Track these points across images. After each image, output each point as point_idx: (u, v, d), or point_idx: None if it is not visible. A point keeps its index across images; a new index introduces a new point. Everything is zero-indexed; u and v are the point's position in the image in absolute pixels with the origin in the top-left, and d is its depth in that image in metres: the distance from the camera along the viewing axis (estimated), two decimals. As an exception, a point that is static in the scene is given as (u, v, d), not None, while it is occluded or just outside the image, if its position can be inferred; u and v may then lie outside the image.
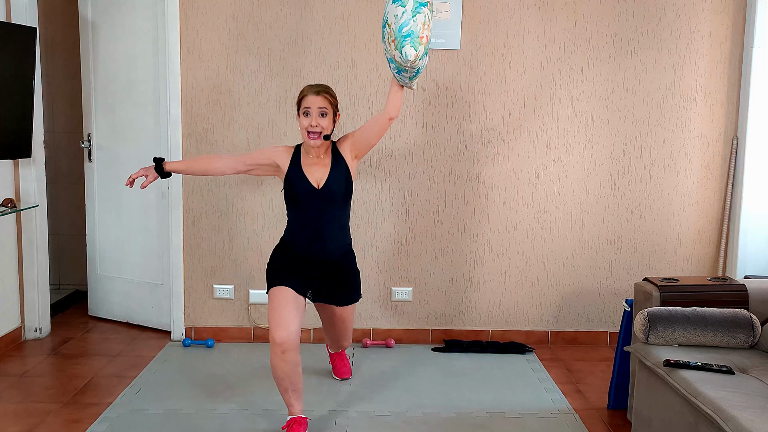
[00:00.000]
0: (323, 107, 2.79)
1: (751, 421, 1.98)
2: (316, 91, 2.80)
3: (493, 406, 3.13)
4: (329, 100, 2.81)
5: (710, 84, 3.87)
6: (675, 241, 3.96)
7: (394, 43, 2.60)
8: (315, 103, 2.78)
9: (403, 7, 2.58)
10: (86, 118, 4.25)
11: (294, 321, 2.69)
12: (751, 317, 2.63)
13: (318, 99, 2.79)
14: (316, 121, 2.77)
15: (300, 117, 2.82)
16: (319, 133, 2.78)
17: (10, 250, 3.81)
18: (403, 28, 2.57)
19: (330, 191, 2.82)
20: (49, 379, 3.39)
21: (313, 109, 2.78)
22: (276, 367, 2.70)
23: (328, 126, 2.80)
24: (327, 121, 2.80)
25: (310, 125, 2.77)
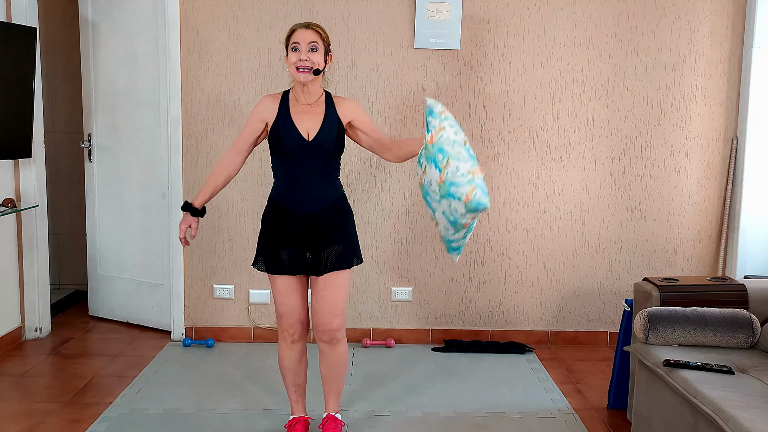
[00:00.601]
0: (314, 41, 2.53)
1: (751, 421, 1.98)
2: (306, 25, 2.56)
3: (493, 406, 3.13)
4: (321, 35, 2.56)
5: (710, 84, 3.87)
6: (675, 241, 3.96)
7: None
8: (305, 38, 2.52)
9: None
10: (86, 118, 4.25)
11: (300, 309, 2.66)
12: (751, 317, 2.63)
13: (308, 33, 2.54)
14: (306, 54, 2.51)
15: (288, 54, 2.55)
16: (310, 68, 2.52)
17: (10, 250, 3.81)
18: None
19: (321, 146, 2.57)
20: (49, 379, 3.39)
21: (302, 44, 2.52)
22: (283, 357, 2.70)
23: (318, 61, 2.53)
24: (318, 56, 2.53)
25: (299, 59, 2.51)
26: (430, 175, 2.40)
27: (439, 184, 2.36)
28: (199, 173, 3.87)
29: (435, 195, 2.40)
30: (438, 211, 2.43)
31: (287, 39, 2.58)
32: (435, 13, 3.76)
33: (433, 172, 2.38)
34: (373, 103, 3.82)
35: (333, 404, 2.81)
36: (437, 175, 2.37)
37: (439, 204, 2.40)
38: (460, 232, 2.44)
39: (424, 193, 2.47)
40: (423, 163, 2.46)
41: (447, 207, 2.37)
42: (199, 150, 3.86)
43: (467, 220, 2.37)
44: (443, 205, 2.38)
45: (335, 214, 2.64)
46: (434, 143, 2.39)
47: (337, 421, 2.78)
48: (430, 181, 2.40)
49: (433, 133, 2.42)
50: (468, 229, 2.44)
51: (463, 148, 2.39)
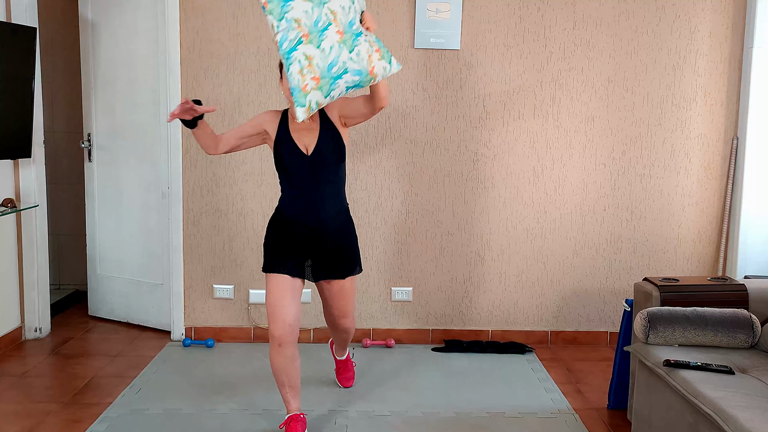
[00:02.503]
0: None
1: (751, 421, 1.98)
2: None
3: (493, 406, 3.13)
4: None
5: (710, 84, 3.87)
6: (675, 241, 3.96)
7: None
8: None
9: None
10: (86, 118, 4.25)
11: (292, 314, 2.67)
12: (751, 317, 2.63)
13: None
14: None
15: (283, 78, 2.62)
16: None
17: (10, 250, 3.81)
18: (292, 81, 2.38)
19: (320, 157, 2.66)
20: (49, 379, 3.39)
21: None
22: (273, 360, 2.71)
23: None
24: None
25: None
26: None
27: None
28: (199, 173, 3.87)
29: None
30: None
31: (281, 63, 2.60)
32: (435, 13, 3.76)
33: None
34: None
35: (341, 353, 3.25)
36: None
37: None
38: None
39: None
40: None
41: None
42: (199, 150, 3.86)
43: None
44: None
45: (340, 227, 2.78)
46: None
47: (348, 362, 3.29)
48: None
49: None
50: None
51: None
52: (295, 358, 2.74)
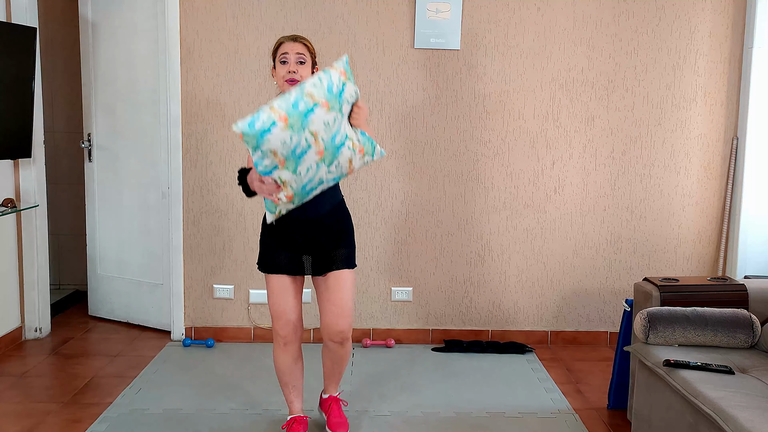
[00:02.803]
0: (301, 53, 2.57)
1: (751, 421, 1.98)
2: (293, 38, 2.60)
3: (493, 406, 3.13)
4: (308, 47, 2.60)
5: (710, 84, 3.87)
6: (675, 241, 3.96)
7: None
8: (293, 50, 2.57)
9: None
10: (86, 118, 4.25)
11: (294, 311, 2.65)
12: (751, 317, 2.63)
13: (296, 45, 2.58)
14: (294, 67, 2.55)
15: (276, 67, 2.60)
16: (299, 81, 2.54)
17: (10, 250, 3.81)
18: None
19: None
20: (49, 379, 3.39)
21: (290, 55, 2.56)
22: (278, 359, 2.70)
23: (307, 75, 2.57)
24: (306, 69, 2.58)
25: (288, 72, 2.55)
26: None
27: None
28: (199, 173, 3.87)
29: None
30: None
31: (274, 51, 2.62)
32: (435, 13, 3.76)
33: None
34: (373, 103, 3.82)
35: (334, 388, 2.90)
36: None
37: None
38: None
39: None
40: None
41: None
42: (199, 150, 3.86)
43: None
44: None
45: (336, 219, 2.67)
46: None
47: (339, 401, 2.89)
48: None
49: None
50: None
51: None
52: (299, 357, 2.74)
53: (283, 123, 2.22)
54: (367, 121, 2.57)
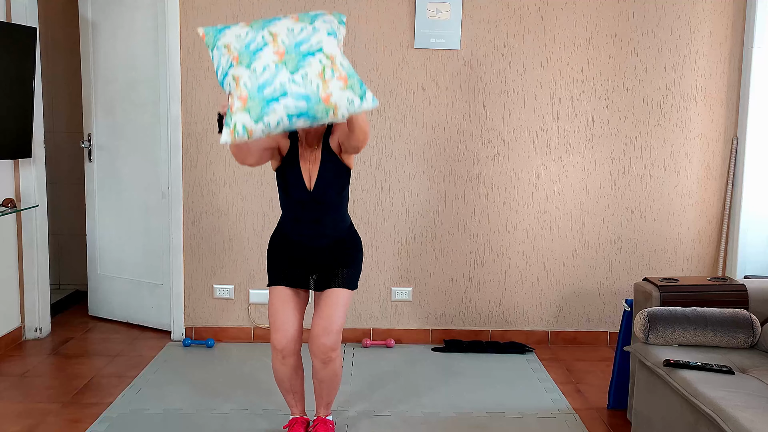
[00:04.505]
0: None
1: (751, 421, 1.98)
2: None
3: (493, 406, 3.13)
4: None
5: (710, 84, 3.87)
6: (675, 241, 3.96)
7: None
8: None
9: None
10: (86, 118, 4.25)
11: (293, 324, 2.63)
12: (751, 317, 2.63)
13: None
14: None
15: None
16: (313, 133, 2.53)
17: (10, 250, 3.81)
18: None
19: (321, 194, 2.56)
20: (49, 379, 3.39)
21: None
22: (277, 370, 2.68)
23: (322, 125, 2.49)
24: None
25: None
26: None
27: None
28: (199, 173, 3.87)
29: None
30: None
31: None
32: (435, 13, 3.76)
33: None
34: (373, 103, 3.82)
35: (323, 410, 2.81)
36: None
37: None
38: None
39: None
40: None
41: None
42: (199, 150, 3.86)
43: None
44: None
45: (344, 245, 2.69)
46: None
47: (327, 423, 2.79)
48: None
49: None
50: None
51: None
52: (299, 367, 2.71)
53: (243, 23, 2.19)
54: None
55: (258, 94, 2.08)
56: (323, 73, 2.10)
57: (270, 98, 2.08)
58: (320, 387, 2.73)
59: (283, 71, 2.08)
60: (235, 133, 2.10)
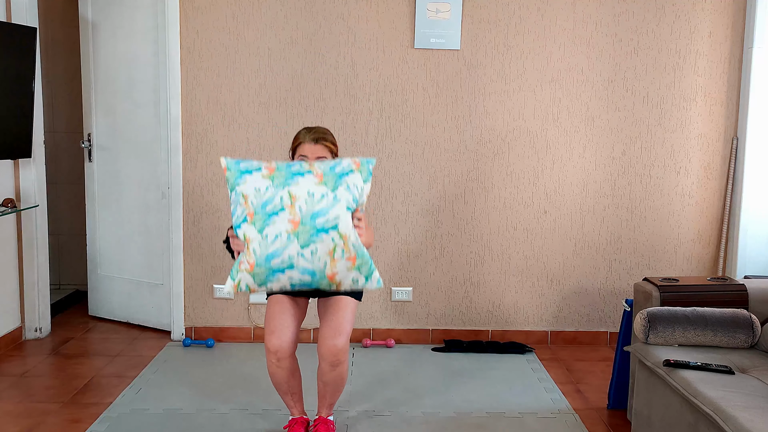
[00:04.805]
0: (322, 156, 2.48)
1: (751, 421, 1.98)
2: (314, 139, 2.49)
3: (493, 406, 3.13)
4: (329, 148, 2.50)
5: (710, 84, 3.87)
6: (675, 241, 3.96)
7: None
8: (313, 153, 2.47)
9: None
10: (86, 118, 4.25)
11: (289, 328, 2.60)
12: (751, 317, 2.63)
13: (317, 148, 2.47)
14: None
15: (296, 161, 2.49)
16: None
17: (10, 250, 3.81)
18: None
19: None
20: (49, 379, 3.39)
21: (310, 158, 2.47)
22: (272, 373, 2.67)
23: None
24: None
25: None
26: None
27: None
28: (199, 173, 3.87)
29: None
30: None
31: (294, 148, 2.51)
32: (435, 13, 3.76)
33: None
34: (373, 103, 3.83)
35: (325, 411, 2.80)
36: None
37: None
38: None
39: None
40: None
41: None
42: (199, 150, 3.86)
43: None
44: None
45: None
46: None
47: (328, 422, 2.78)
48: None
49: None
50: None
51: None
52: (295, 369, 2.69)
53: (267, 171, 2.14)
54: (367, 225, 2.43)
55: (265, 263, 2.11)
56: (333, 251, 2.12)
57: (276, 269, 2.12)
58: (325, 389, 2.72)
59: (294, 243, 2.10)
60: (238, 288, 2.19)
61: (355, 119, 3.82)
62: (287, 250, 2.10)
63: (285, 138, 3.83)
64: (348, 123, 3.82)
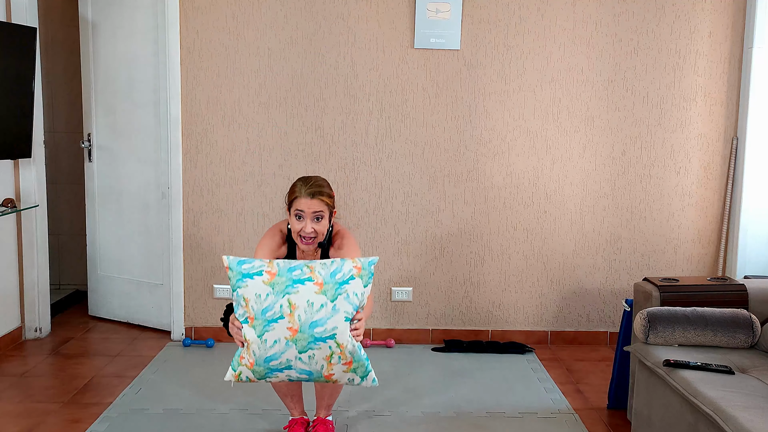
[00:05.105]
0: (319, 211, 2.47)
1: (751, 421, 1.98)
2: (311, 194, 2.46)
3: (493, 406, 3.13)
4: (325, 202, 2.48)
5: (710, 84, 3.87)
6: (675, 241, 3.96)
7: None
8: (309, 207, 2.45)
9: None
10: (86, 118, 4.25)
11: None
12: (751, 317, 2.63)
13: (313, 203, 2.45)
14: (310, 227, 2.46)
15: (291, 217, 2.51)
16: (314, 239, 2.49)
17: (10, 250, 3.81)
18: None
19: None
20: (49, 379, 3.39)
21: (306, 213, 2.45)
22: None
23: (323, 231, 2.50)
24: (323, 225, 2.49)
25: (303, 230, 2.46)
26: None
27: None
28: (199, 173, 3.87)
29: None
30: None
31: (290, 201, 2.51)
32: (435, 13, 3.76)
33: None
34: (373, 103, 3.83)
35: (322, 410, 2.80)
36: None
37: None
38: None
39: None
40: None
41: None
42: (199, 150, 3.86)
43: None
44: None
45: None
46: None
47: (327, 423, 2.78)
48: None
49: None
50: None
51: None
52: None
53: (268, 276, 2.18)
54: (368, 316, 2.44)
55: (264, 364, 2.20)
56: (330, 357, 2.20)
57: (275, 369, 2.21)
58: (323, 390, 2.73)
59: (292, 348, 2.17)
60: (239, 379, 2.27)
61: (355, 119, 3.82)
62: (285, 354, 2.19)
63: (285, 138, 3.83)
64: (348, 123, 3.82)
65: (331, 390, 2.70)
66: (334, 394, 2.73)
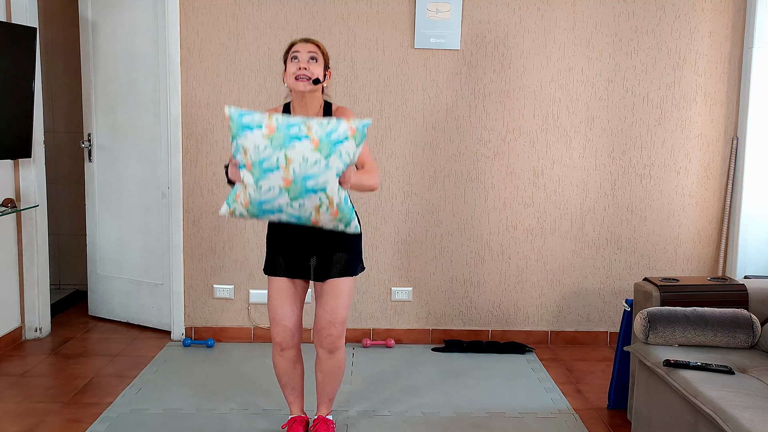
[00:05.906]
0: (313, 52, 2.53)
1: (751, 421, 1.98)
2: (306, 39, 2.58)
3: (493, 406, 3.13)
4: (320, 48, 2.57)
5: (710, 84, 3.87)
6: (675, 241, 3.96)
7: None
8: (305, 48, 2.53)
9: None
10: (86, 118, 4.25)
11: (291, 317, 2.63)
12: (751, 317, 2.63)
13: (308, 45, 2.54)
14: (305, 64, 2.50)
15: (287, 66, 2.55)
16: (309, 77, 2.51)
17: (10, 250, 3.81)
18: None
19: None
20: (49, 379, 3.39)
21: (302, 53, 2.52)
22: (276, 363, 2.70)
23: (318, 72, 2.53)
24: (318, 67, 2.53)
25: (298, 68, 2.50)
26: None
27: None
28: (199, 173, 3.87)
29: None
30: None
31: (286, 53, 2.57)
32: (435, 13, 3.76)
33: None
34: (373, 103, 3.82)
35: (324, 408, 2.81)
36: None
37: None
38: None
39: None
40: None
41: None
42: (199, 150, 3.86)
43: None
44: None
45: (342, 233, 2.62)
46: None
47: (328, 422, 2.79)
48: None
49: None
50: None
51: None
52: (298, 361, 2.72)
53: (267, 131, 2.26)
54: (368, 173, 2.52)
55: (258, 206, 2.34)
56: (319, 207, 2.34)
57: (267, 211, 2.36)
58: (324, 380, 2.73)
59: (285, 196, 2.31)
60: (233, 215, 2.40)
61: (355, 119, 3.82)
62: (278, 200, 2.30)
63: (285, 138, 3.83)
64: (348, 123, 3.82)
65: (331, 378, 2.72)
66: (335, 382, 2.75)
